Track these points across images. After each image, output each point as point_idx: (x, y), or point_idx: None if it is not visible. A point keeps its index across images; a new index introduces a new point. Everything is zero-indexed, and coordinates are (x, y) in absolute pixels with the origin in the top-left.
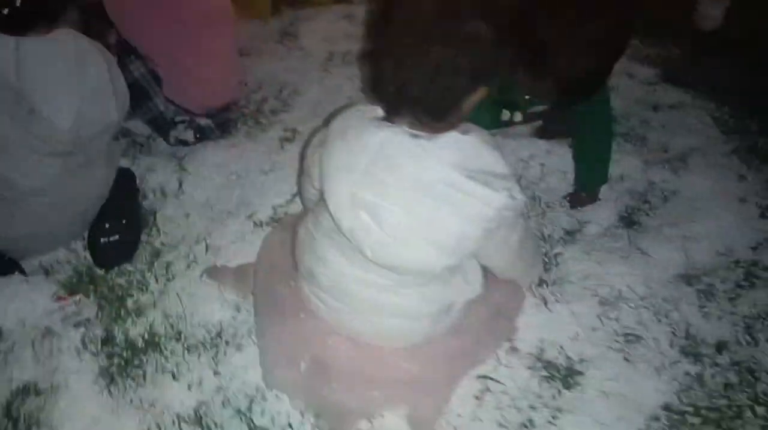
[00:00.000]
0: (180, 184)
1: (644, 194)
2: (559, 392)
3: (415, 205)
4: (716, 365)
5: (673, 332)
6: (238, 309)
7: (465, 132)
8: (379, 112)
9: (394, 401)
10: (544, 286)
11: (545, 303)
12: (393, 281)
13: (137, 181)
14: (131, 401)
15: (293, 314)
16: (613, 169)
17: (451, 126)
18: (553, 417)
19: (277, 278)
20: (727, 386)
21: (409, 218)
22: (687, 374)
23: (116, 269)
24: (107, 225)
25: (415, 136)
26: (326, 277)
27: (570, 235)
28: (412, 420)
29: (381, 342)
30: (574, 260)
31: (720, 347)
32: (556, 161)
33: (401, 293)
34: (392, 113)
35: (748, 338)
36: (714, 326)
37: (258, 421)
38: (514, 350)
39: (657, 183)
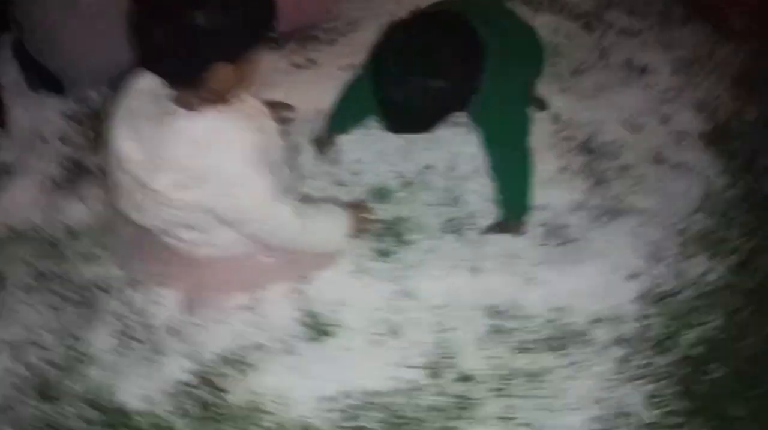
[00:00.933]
0: None
1: (552, 231)
2: (300, 339)
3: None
4: (438, 382)
5: (432, 342)
6: None
7: (193, 116)
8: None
9: (178, 282)
10: (371, 259)
11: (356, 270)
12: None
13: None
14: None
15: None
16: (545, 199)
17: (198, 101)
18: (278, 352)
19: None
20: (433, 408)
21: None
22: (409, 381)
23: None
24: None
25: (151, 114)
26: None
27: (441, 231)
28: (185, 297)
29: None
30: (414, 251)
31: (466, 379)
32: None
33: None
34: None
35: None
36: (477, 362)
37: None
38: (297, 291)
39: (571, 227)
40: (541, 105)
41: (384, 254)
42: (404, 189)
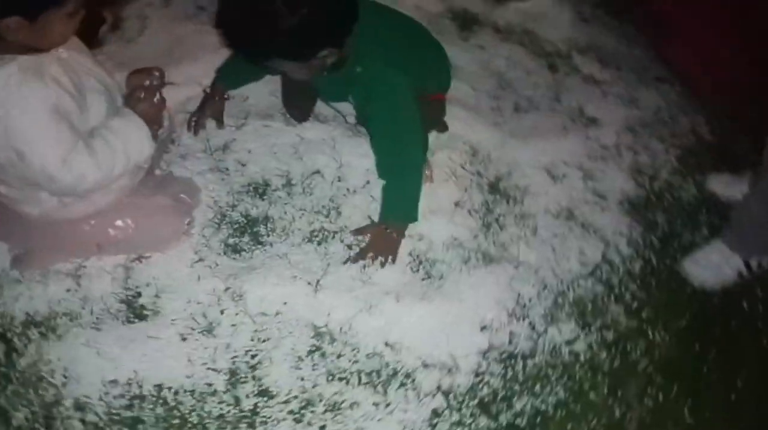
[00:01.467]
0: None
1: (420, 263)
2: (113, 316)
3: None
4: (235, 392)
5: (245, 350)
6: None
7: None
8: None
9: (8, 236)
10: (217, 253)
11: (197, 261)
12: None
13: None
14: None
15: None
16: (425, 229)
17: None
18: (86, 324)
19: None
20: (220, 417)
21: None
22: (206, 384)
23: None
24: None
25: None
26: None
27: (303, 239)
28: (14, 252)
29: None
30: (264, 254)
31: (266, 395)
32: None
33: None
34: None
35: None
36: (284, 380)
37: None
38: (127, 267)
39: (440, 263)
40: (443, 127)
41: (234, 250)
42: (284, 189)
